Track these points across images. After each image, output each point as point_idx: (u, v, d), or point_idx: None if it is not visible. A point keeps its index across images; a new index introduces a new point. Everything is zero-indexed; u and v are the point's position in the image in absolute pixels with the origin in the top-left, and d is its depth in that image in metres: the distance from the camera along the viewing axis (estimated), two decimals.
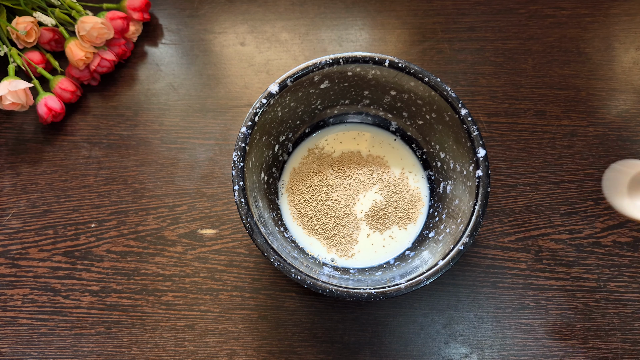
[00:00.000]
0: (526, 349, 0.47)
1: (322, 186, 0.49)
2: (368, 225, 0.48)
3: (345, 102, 0.49)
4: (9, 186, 0.54)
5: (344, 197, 0.48)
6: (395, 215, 0.48)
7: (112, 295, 0.50)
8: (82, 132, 0.56)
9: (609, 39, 0.58)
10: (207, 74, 0.58)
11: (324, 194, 0.48)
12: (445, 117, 0.44)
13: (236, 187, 0.40)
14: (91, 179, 0.54)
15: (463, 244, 0.40)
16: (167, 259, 0.51)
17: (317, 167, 0.49)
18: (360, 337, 0.48)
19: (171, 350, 0.48)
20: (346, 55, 0.43)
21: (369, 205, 0.48)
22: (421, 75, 0.43)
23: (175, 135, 0.56)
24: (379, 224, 0.48)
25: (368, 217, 0.48)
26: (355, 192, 0.48)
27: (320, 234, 0.47)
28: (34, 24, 0.55)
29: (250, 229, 0.40)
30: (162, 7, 0.62)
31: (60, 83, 0.55)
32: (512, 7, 0.60)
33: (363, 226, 0.48)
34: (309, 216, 0.48)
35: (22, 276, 0.51)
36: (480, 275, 0.50)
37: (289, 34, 0.60)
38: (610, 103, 0.56)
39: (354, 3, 0.61)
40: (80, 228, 0.52)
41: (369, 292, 0.39)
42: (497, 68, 0.57)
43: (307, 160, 0.50)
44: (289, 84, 0.43)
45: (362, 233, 0.47)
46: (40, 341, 0.49)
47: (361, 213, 0.48)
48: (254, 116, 0.42)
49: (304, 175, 0.49)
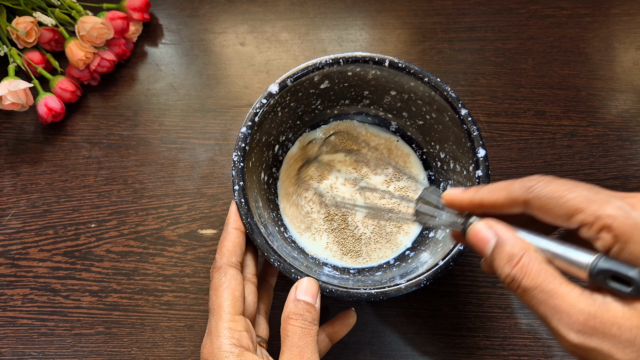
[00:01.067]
0: (526, 349, 0.47)
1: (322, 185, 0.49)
2: (368, 225, 0.48)
3: (345, 102, 0.49)
4: (9, 186, 0.54)
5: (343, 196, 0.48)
6: (396, 215, 0.48)
7: (112, 295, 0.50)
8: (82, 132, 0.56)
9: (609, 39, 0.58)
10: (207, 74, 0.58)
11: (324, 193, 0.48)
12: (445, 117, 0.44)
13: (236, 187, 0.40)
14: (91, 179, 0.54)
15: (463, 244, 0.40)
16: (167, 259, 0.51)
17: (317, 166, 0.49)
18: (360, 337, 0.48)
19: (171, 350, 0.48)
20: (346, 56, 0.43)
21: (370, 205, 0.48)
22: (421, 75, 0.43)
23: (175, 135, 0.56)
24: (379, 224, 0.48)
25: (368, 216, 0.48)
26: (356, 191, 0.48)
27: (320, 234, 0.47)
28: (34, 24, 0.55)
29: (250, 229, 0.40)
30: (162, 7, 0.62)
31: (60, 83, 0.55)
32: (512, 7, 0.60)
33: (363, 226, 0.48)
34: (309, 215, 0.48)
35: (22, 276, 0.51)
36: (480, 275, 0.50)
37: (289, 34, 0.60)
38: (610, 103, 0.56)
39: (354, 3, 0.61)
40: (80, 228, 0.52)
41: (369, 292, 0.39)
42: (497, 68, 0.57)
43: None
44: (289, 84, 0.43)
45: (362, 233, 0.47)
46: (41, 341, 0.49)
47: (361, 212, 0.48)
48: (254, 116, 0.42)
49: (304, 174, 0.49)
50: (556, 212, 0.29)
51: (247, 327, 0.36)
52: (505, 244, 0.30)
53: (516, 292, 0.29)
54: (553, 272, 0.28)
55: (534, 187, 0.30)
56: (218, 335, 0.35)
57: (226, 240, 0.40)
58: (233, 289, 0.37)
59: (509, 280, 0.29)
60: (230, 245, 0.39)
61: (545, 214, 0.30)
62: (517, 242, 0.30)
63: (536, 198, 0.30)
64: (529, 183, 0.30)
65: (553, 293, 0.27)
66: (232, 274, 0.38)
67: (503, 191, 0.32)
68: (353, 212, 0.48)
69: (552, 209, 0.29)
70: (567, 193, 0.29)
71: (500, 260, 0.30)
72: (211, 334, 0.36)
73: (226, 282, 0.37)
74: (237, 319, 0.36)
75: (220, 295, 0.37)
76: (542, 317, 0.28)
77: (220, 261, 0.38)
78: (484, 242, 0.31)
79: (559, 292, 0.27)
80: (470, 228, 0.32)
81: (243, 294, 0.38)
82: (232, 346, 0.35)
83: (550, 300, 0.27)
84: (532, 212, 0.30)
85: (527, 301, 0.28)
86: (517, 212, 0.31)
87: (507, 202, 0.31)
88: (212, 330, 0.36)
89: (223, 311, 0.36)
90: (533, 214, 0.30)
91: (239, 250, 0.39)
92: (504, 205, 0.32)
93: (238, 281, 0.38)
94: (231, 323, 0.36)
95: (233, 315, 0.36)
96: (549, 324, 0.27)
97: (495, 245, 0.30)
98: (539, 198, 0.30)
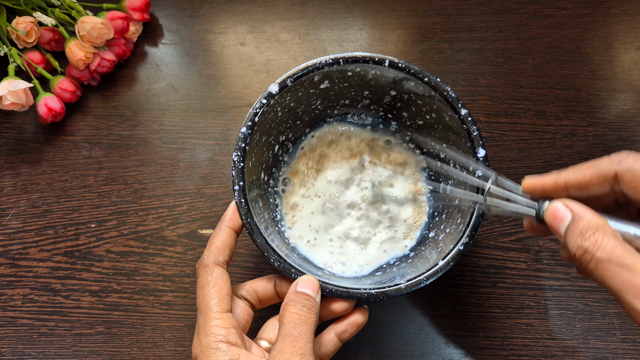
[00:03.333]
0: (526, 349, 0.47)
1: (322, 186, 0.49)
2: (368, 225, 0.48)
3: (345, 102, 0.49)
4: (9, 186, 0.54)
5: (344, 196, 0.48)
6: (396, 215, 0.48)
7: (112, 295, 0.50)
8: (82, 132, 0.56)
9: (609, 39, 0.58)
10: (207, 74, 0.58)
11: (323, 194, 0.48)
12: (445, 117, 0.44)
13: (236, 187, 0.40)
14: (91, 179, 0.54)
15: (463, 244, 0.40)
16: (167, 259, 0.51)
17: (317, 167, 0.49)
18: (360, 337, 0.48)
19: (171, 350, 0.48)
20: (346, 55, 0.43)
21: (370, 204, 0.48)
22: (421, 76, 0.43)
23: (176, 135, 0.56)
24: (380, 223, 0.48)
25: (368, 216, 0.48)
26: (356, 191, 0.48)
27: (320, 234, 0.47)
28: (34, 24, 0.55)
29: (250, 229, 0.40)
30: (162, 7, 0.62)
31: (60, 83, 0.55)
32: (512, 7, 0.60)
33: (363, 226, 0.48)
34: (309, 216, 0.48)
35: (22, 276, 0.51)
36: (480, 275, 0.50)
37: (289, 34, 0.60)
38: (610, 103, 0.56)
39: (354, 3, 0.61)
40: (81, 228, 0.52)
41: (368, 292, 0.39)
42: (497, 68, 0.57)
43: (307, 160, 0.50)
44: (289, 84, 0.43)
45: (362, 232, 0.47)
46: (41, 341, 0.49)
47: (361, 212, 0.48)
48: (254, 116, 0.42)
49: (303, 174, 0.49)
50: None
51: (234, 323, 0.36)
52: (581, 219, 0.29)
53: (588, 267, 0.28)
54: (629, 248, 0.28)
55: (625, 159, 0.30)
56: (206, 333, 0.35)
57: (217, 238, 0.40)
58: (220, 288, 0.37)
59: (581, 252, 0.28)
60: (219, 243, 0.39)
61: (635, 187, 0.29)
62: (593, 218, 0.29)
63: (627, 170, 0.29)
64: (619, 157, 0.30)
65: (630, 267, 0.27)
66: (219, 273, 0.38)
67: (590, 168, 0.31)
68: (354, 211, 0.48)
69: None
70: None
71: (573, 234, 0.29)
72: (199, 333, 0.36)
73: (212, 281, 0.37)
74: (225, 316, 0.36)
75: (207, 294, 0.37)
76: (615, 291, 0.27)
77: (207, 259, 0.38)
78: (561, 219, 0.30)
79: (636, 267, 0.26)
80: (547, 208, 0.32)
81: (230, 292, 0.38)
82: (220, 343, 0.35)
83: (626, 275, 0.26)
84: (621, 186, 0.30)
85: (599, 275, 0.28)
86: (603, 192, 0.31)
87: (594, 178, 0.31)
88: (200, 328, 0.36)
89: (210, 309, 0.36)
90: (622, 189, 0.30)
91: (228, 250, 0.39)
92: (591, 183, 0.31)
93: (225, 280, 0.38)
94: (218, 321, 0.36)
95: (220, 313, 0.36)
96: (622, 298, 0.27)
97: (571, 221, 0.30)
98: (630, 170, 0.29)
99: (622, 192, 0.30)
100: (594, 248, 0.28)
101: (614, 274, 0.27)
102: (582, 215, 0.30)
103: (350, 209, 0.48)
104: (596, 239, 0.28)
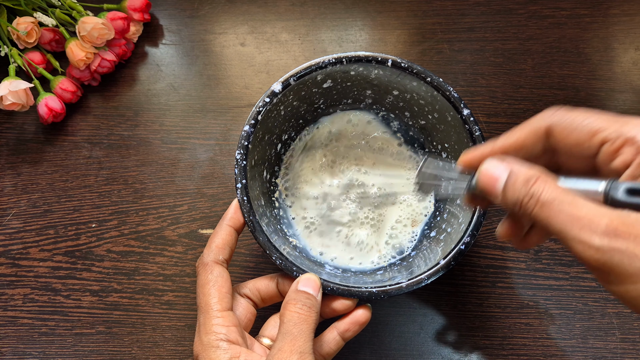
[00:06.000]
0: (526, 349, 0.48)
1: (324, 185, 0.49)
2: (369, 224, 0.48)
3: (348, 101, 0.49)
4: (9, 186, 0.54)
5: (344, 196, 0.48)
6: (397, 214, 0.48)
7: (112, 295, 0.50)
8: (83, 133, 0.56)
9: (608, 39, 0.59)
10: (207, 75, 0.58)
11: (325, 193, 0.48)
12: (447, 117, 0.44)
13: (239, 185, 0.41)
14: (92, 179, 0.54)
15: (464, 244, 0.40)
16: (168, 258, 0.51)
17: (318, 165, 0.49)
18: (360, 336, 0.48)
19: (172, 349, 0.48)
20: (349, 55, 0.43)
21: (370, 204, 0.48)
22: (424, 75, 0.43)
23: (176, 135, 0.56)
24: (380, 223, 0.48)
25: (369, 216, 0.48)
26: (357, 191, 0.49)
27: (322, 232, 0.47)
28: (35, 24, 0.55)
29: (252, 227, 0.40)
30: (163, 8, 0.62)
31: (61, 83, 0.55)
32: (512, 7, 0.60)
33: (364, 225, 0.48)
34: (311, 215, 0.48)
35: (23, 276, 0.51)
36: (480, 275, 0.50)
37: (289, 34, 0.60)
38: (610, 103, 0.56)
39: (354, 4, 0.61)
40: (81, 228, 0.52)
41: (370, 291, 0.39)
42: (497, 68, 0.58)
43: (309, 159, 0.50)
44: (292, 83, 0.43)
45: (363, 232, 0.48)
46: (41, 341, 0.49)
47: (362, 212, 0.48)
48: (257, 114, 0.42)
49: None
50: (578, 133, 0.30)
51: (235, 322, 0.37)
52: (519, 172, 0.30)
53: (533, 211, 0.29)
54: (570, 190, 0.28)
55: (555, 113, 0.31)
56: (207, 331, 0.35)
57: (217, 236, 0.40)
58: (220, 286, 0.37)
59: (528, 199, 0.29)
60: (220, 242, 0.39)
61: (566, 137, 0.30)
62: (532, 168, 0.30)
63: (558, 122, 0.31)
64: (550, 111, 0.31)
65: (573, 203, 0.27)
66: (219, 272, 0.38)
67: (523, 128, 0.32)
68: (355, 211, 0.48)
69: (575, 131, 0.30)
70: (589, 116, 0.30)
71: (515, 184, 0.30)
72: (200, 331, 0.36)
73: (213, 280, 0.37)
74: (225, 314, 0.36)
75: (207, 292, 0.37)
76: (560, 229, 0.27)
77: (207, 257, 0.38)
78: (495, 179, 0.31)
79: (579, 202, 0.27)
80: (481, 167, 0.32)
81: (230, 290, 0.38)
82: (220, 341, 0.35)
83: (570, 208, 0.27)
84: (553, 139, 0.31)
85: (544, 217, 0.28)
86: (536, 152, 0.32)
87: (529, 136, 0.32)
88: (200, 327, 0.36)
89: (210, 308, 0.36)
90: (554, 142, 0.31)
91: (228, 249, 0.39)
92: (526, 143, 0.32)
93: (225, 278, 0.38)
94: (219, 319, 0.36)
95: (221, 312, 0.36)
96: (567, 234, 0.27)
97: (510, 173, 0.30)
98: (561, 121, 0.31)
99: (553, 147, 0.32)
100: (539, 191, 0.28)
101: (558, 212, 0.27)
102: (518, 168, 0.30)
103: (352, 208, 0.48)
104: (540, 183, 0.29)
